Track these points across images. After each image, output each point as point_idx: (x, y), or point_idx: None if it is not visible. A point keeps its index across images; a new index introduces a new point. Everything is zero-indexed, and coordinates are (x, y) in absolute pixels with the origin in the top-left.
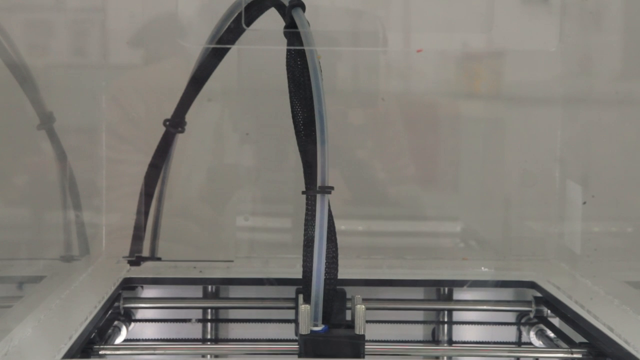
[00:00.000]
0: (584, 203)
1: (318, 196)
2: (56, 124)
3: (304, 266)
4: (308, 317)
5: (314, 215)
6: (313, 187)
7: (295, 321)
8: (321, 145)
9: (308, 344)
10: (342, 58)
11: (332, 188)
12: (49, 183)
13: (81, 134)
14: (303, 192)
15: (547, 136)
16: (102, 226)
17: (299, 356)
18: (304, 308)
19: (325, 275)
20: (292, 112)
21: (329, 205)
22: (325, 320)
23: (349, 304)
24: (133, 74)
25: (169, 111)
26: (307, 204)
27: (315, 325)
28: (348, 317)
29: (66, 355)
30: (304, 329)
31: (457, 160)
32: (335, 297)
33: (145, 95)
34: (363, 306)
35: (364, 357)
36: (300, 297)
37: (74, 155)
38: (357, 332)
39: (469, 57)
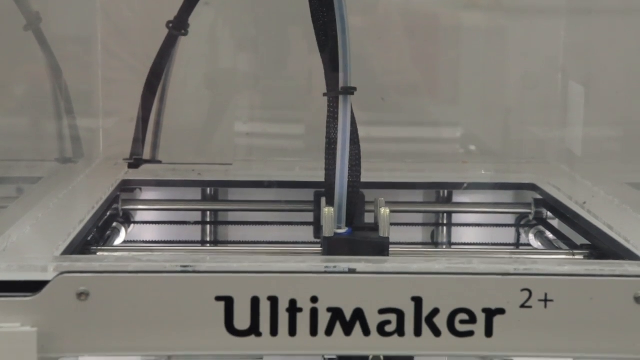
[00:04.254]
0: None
1: (340, 97)
2: (53, 29)
3: (326, 169)
4: (332, 220)
5: (336, 117)
6: (335, 88)
7: (315, 224)
8: (343, 46)
9: (333, 246)
10: None
11: (354, 89)
12: (41, 87)
13: (78, 36)
14: (324, 94)
15: (549, 45)
16: (99, 129)
17: None
18: (327, 211)
19: (348, 178)
20: (312, 13)
21: (352, 107)
22: (348, 223)
23: (368, 207)
24: None
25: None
26: (329, 106)
27: (339, 228)
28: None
29: (65, 253)
30: (327, 232)
31: (458, 68)
32: (358, 200)
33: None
34: (387, 209)
35: None
36: (323, 200)
37: (71, 57)
38: (381, 234)
39: None
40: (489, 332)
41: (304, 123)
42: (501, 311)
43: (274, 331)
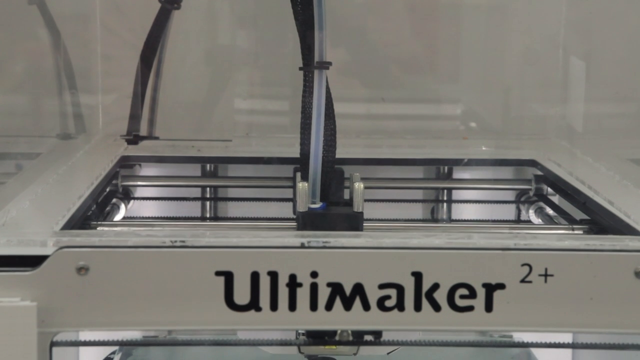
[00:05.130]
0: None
1: (316, 72)
2: (52, 5)
3: (301, 143)
4: (306, 195)
5: (312, 92)
6: (310, 63)
7: (293, 199)
8: (319, 21)
9: (306, 220)
10: None
11: (329, 64)
12: (44, 63)
13: (76, 13)
14: (300, 68)
15: (550, 21)
16: (98, 105)
17: None
18: (301, 186)
19: (323, 152)
20: None
21: (327, 82)
22: (323, 198)
23: (347, 184)
24: None
25: None
26: (304, 80)
27: (314, 203)
28: (346, 196)
29: (64, 228)
30: (301, 207)
31: (458, 45)
32: (334, 175)
33: None
34: (361, 184)
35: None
36: (298, 175)
37: (70, 34)
38: (355, 209)
39: None
40: (489, 307)
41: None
42: (501, 286)
43: (273, 306)
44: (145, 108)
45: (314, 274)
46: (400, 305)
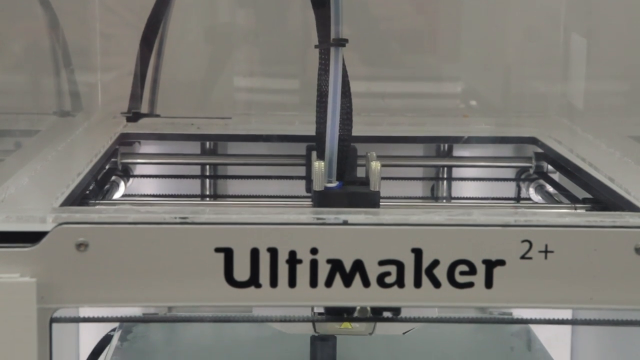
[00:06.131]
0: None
1: (332, 49)
2: None
3: (317, 122)
4: (322, 174)
5: (328, 70)
6: (326, 40)
7: (307, 178)
8: None
9: (323, 200)
10: None
11: (346, 41)
12: (39, 42)
13: None
14: (316, 46)
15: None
16: (97, 83)
17: None
18: (317, 165)
19: (339, 131)
20: None
21: (343, 59)
22: (338, 177)
23: (360, 161)
24: None
25: None
26: (320, 58)
27: (330, 182)
28: (359, 174)
29: (63, 204)
30: (318, 186)
31: (460, 22)
32: (348, 154)
33: None
34: (378, 163)
35: None
36: (314, 153)
37: (68, 13)
38: (372, 188)
39: None
40: (489, 284)
41: (302, 77)
42: (501, 262)
43: (273, 282)
44: (146, 88)
45: (314, 251)
46: (400, 282)
